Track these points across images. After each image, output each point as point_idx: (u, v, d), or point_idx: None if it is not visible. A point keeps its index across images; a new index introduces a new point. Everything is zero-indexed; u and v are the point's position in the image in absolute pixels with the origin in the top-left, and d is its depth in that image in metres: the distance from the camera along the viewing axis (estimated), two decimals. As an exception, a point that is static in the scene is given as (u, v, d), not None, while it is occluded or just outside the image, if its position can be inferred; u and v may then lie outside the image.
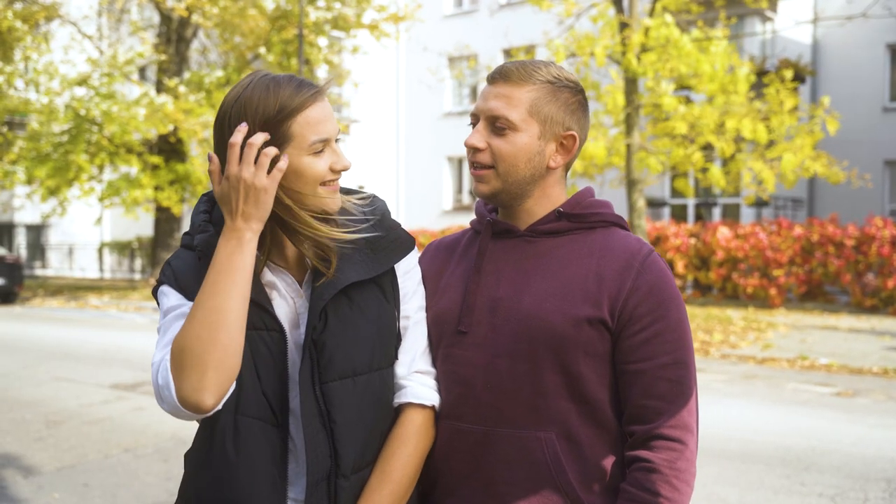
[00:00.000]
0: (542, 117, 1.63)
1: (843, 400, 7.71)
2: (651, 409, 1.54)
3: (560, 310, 1.58)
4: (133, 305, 18.35)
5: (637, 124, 14.28)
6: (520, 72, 1.63)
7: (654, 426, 1.53)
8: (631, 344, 1.56)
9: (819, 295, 16.20)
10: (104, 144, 19.67)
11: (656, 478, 1.50)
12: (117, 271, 29.93)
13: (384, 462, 1.58)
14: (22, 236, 32.27)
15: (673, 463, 1.51)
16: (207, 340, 1.40)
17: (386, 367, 1.62)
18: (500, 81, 1.64)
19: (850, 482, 5.10)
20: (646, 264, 1.61)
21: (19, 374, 9.14)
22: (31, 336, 12.85)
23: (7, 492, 5.02)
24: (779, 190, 19.52)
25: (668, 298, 1.59)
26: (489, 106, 1.64)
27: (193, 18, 19.41)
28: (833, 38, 20.52)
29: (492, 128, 1.64)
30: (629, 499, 1.52)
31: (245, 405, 1.52)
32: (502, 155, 1.63)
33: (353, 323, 1.57)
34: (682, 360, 1.57)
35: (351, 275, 1.56)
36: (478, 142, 1.64)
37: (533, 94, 1.62)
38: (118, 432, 6.47)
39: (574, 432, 1.57)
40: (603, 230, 1.68)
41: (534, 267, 1.65)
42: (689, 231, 17.29)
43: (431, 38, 24.65)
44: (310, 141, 1.50)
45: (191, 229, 1.62)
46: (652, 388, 1.55)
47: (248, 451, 1.51)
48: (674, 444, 1.52)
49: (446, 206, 26.65)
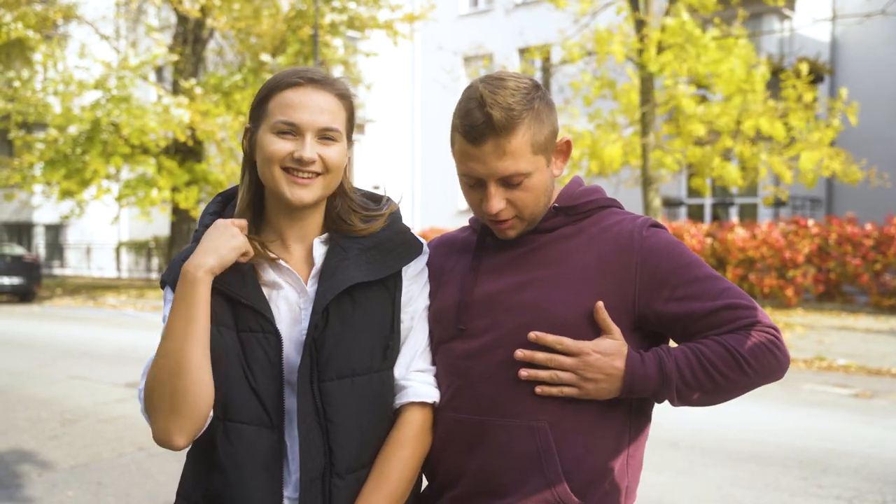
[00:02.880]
0: (541, 147, 1.58)
1: (861, 401, 7.63)
2: (736, 324, 1.55)
3: (565, 300, 1.58)
4: (150, 305, 18.44)
5: (653, 123, 14.21)
6: (502, 119, 1.51)
7: (746, 322, 1.55)
8: (674, 306, 1.56)
9: (837, 295, 16.06)
10: (120, 146, 19.78)
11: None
12: (134, 271, 30.13)
13: (382, 464, 1.58)
14: (40, 236, 32.56)
15: (765, 341, 1.54)
16: (169, 387, 1.44)
17: (386, 369, 1.62)
18: (490, 137, 1.53)
19: (868, 484, 5.03)
20: (644, 232, 1.61)
21: (35, 373, 9.20)
22: (49, 335, 12.94)
23: (22, 489, 5.05)
24: (796, 190, 19.38)
25: (678, 250, 1.61)
26: (495, 169, 1.55)
27: (208, 22, 19.49)
28: (851, 36, 20.33)
29: (506, 185, 1.57)
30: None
31: (234, 411, 1.52)
32: (526, 204, 1.60)
33: (354, 323, 1.56)
34: (727, 286, 1.58)
35: (356, 275, 1.56)
36: (500, 206, 1.58)
37: (526, 134, 1.54)
38: (132, 431, 6.49)
39: (568, 423, 1.57)
40: (597, 214, 1.68)
41: (534, 262, 1.64)
42: (705, 231, 17.19)
43: (447, 37, 24.65)
44: (275, 118, 1.53)
45: (199, 228, 1.63)
46: (722, 317, 1.55)
47: (239, 458, 1.51)
48: (771, 333, 1.55)
49: (461, 206, 26.62)
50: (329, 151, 1.55)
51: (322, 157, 1.54)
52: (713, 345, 1.53)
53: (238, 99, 19.35)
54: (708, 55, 13.22)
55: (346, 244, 1.61)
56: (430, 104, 27.48)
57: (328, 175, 1.56)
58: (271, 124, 1.54)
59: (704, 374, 1.52)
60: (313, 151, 1.52)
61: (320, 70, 1.60)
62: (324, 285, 1.55)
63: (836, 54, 20.83)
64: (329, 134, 1.55)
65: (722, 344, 1.52)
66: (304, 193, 1.54)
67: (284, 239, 1.62)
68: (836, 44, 20.85)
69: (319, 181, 1.55)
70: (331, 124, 1.55)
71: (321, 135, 1.54)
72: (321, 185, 1.56)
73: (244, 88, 19.86)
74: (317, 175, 1.54)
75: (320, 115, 1.54)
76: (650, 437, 1.76)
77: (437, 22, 22.73)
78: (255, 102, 1.58)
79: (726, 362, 1.51)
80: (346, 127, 1.60)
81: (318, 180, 1.55)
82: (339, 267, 1.57)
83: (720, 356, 1.52)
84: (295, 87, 1.54)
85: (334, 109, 1.56)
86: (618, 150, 14.04)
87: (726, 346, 1.52)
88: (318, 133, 1.54)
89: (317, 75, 1.57)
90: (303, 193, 1.54)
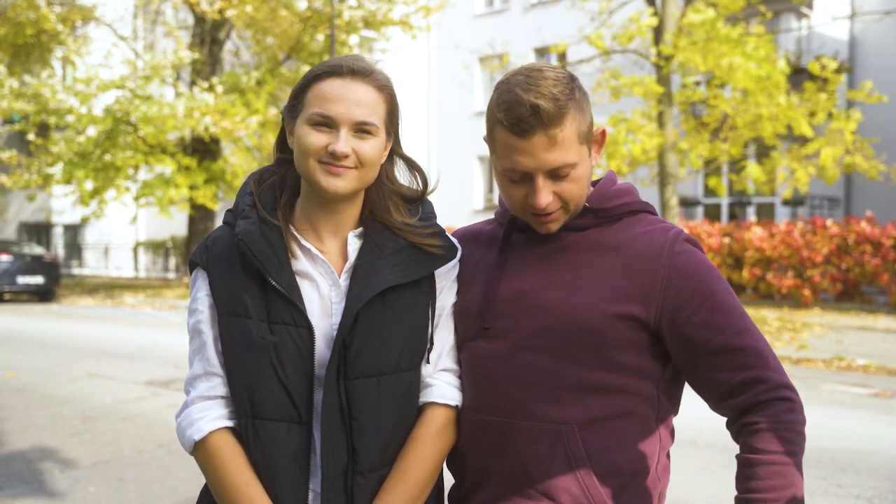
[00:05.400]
0: (585, 136, 1.56)
1: (880, 401, 7.58)
2: (742, 381, 1.49)
3: (588, 304, 1.55)
4: (167, 304, 18.55)
5: (671, 120, 14.17)
6: (550, 109, 1.47)
7: (755, 394, 1.48)
8: (691, 329, 1.52)
9: (856, 295, 15.95)
10: (139, 145, 19.91)
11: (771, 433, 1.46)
12: (152, 270, 30.32)
13: (401, 461, 1.57)
14: (59, 236, 32.83)
15: (782, 415, 1.47)
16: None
17: (413, 369, 1.61)
18: (540, 129, 1.48)
19: (889, 484, 5.00)
20: (675, 248, 1.57)
21: (56, 371, 9.28)
22: (68, 334, 13.05)
23: (44, 485, 5.10)
24: (814, 188, 19.25)
25: (708, 274, 1.56)
26: (544, 161, 1.50)
27: (228, 15, 19.56)
28: (870, 33, 20.18)
29: (553, 177, 1.54)
30: (744, 464, 1.47)
31: (262, 408, 1.52)
32: (572, 195, 1.56)
33: (383, 324, 1.55)
34: (747, 326, 1.53)
35: (390, 277, 1.55)
36: (548, 200, 1.54)
37: (573, 124, 1.51)
38: (152, 428, 6.54)
39: (598, 425, 1.55)
40: (628, 219, 1.65)
41: (560, 261, 1.61)
42: (722, 230, 17.11)
43: (462, 36, 24.66)
44: (311, 110, 1.53)
45: (235, 209, 1.63)
46: (733, 362, 1.50)
47: (269, 454, 1.51)
48: (783, 403, 1.48)
49: (477, 206, 26.63)
50: (364, 146, 1.53)
51: (356, 152, 1.52)
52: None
53: (252, 98, 19.44)
54: (729, 49, 13.13)
55: (381, 241, 1.59)
56: (445, 103, 27.49)
57: (363, 169, 1.54)
58: (308, 116, 1.53)
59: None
60: (347, 146, 1.51)
61: (362, 59, 1.57)
62: (358, 284, 1.54)
63: (855, 52, 20.68)
64: (365, 128, 1.53)
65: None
66: (339, 183, 1.52)
67: (318, 230, 1.61)
68: (855, 42, 20.70)
69: (355, 173, 1.54)
70: (367, 118, 1.53)
71: (357, 128, 1.52)
72: (356, 177, 1.54)
73: (261, 87, 19.95)
74: (351, 168, 1.53)
75: (356, 109, 1.52)
76: (670, 434, 1.75)
77: (452, 18, 22.72)
78: (295, 91, 1.58)
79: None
80: (386, 120, 1.58)
81: (353, 172, 1.53)
82: (374, 267, 1.55)
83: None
84: (333, 77, 1.53)
85: (372, 102, 1.54)
86: (637, 147, 13.99)
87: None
88: (354, 127, 1.52)
89: (357, 65, 1.55)
90: (338, 183, 1.52)
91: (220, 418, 1.55)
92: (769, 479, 1.43)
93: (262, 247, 1.53)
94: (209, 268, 1.58)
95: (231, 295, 1.55)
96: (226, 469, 1.51)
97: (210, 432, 1.53)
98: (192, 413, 1.56)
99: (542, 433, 1.55)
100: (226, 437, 1.54)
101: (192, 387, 1.59)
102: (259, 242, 1.53)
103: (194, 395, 1.58)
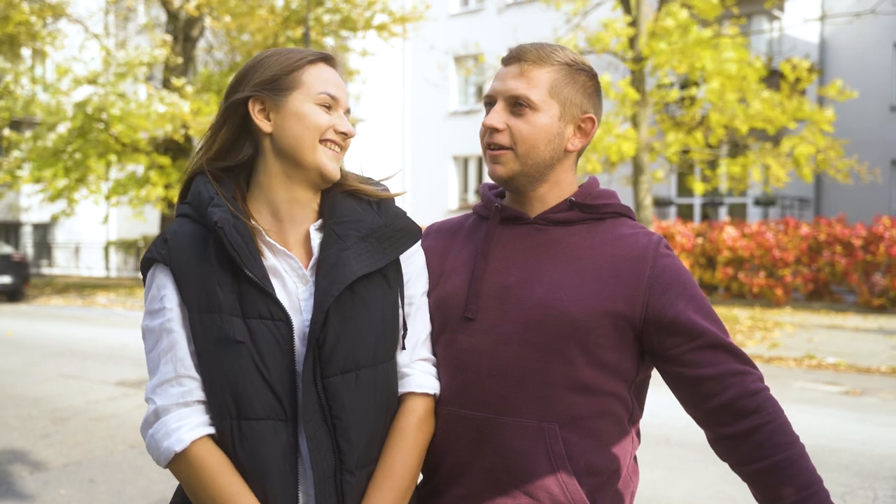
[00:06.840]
0: (562, 99, 1.60)
1: (851, 398, 7.67)
2: (724, 374, 1.55)
3: (575, 300, 1.55)
4: (139, 304, 18.36)
5: (646, 119, 14.26)
6: (538, 52, 1.61)
7: (744, 384, 1.56)
8: (671, 311, 1.55)
9: (826, 294, 16.16)
10: (111, 143, 19.67)
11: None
12: (123, 270, 29.98)
13: (386, 455, 1.55)
14: (28, 235, 32.37)
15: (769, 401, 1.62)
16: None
17: (390, 359, 1.59)
18: (518, 62, 1.61)
19: (860, 480, 5.07)
20: (659, 251, 1.60)
21: (26, 372, 9.15)
22: (38, 334, 12.87)
23: (14, 487, 5.02)
24: (786, 189, 19.46)
25: (688, 279, 1.61)
26: (508, 86, 1.60)
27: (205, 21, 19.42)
28: (841, 37, 20.43)
29: (511, 109, 1.60)
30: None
31: (247, 407, 1.46)
32: (523, 136, 1.59)
33: (355, 316, 1.52)
34: (723, 328, 1.60)
35: (358, 268, 1.51)
36: (497, 122, 1.60)
37: (552, 74, 1.60)
38: (124, 429, 6.47)
39: (578, 424, 1.55)
40: (612, 220, 1.67)
41: (545, 255, 1.61)
42: (695, 230, 17.25)
43: (438, 37, 24.64)
44: (317, 90, 1.53)
45: (192, 200, 1.56)
46: (716, 357, 1.56)
47: (258, 455, 1.46)
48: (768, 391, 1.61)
49: (452, 206, 26.63)
50: (354, 129, 1.60)
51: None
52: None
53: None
54: (702, 51, 13.27)
55: (342, 231, 1.55)
56: (420, 104, 27.46)
57: (344, 151, 1.59)
58: (313, 95, 1.53)
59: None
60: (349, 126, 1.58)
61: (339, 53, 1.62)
62: (325, 279, 1.50)
63: (825, 55, 20.93)
64: (351, 116, 1.59)
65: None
66: (336, 167, 1.56)
67: (281, 220, 1.57)
68: (826, 45, 20.95)
69: (341, 156, 1.58)
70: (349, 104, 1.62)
71: (347, 113, 1.59)
72: (341, 160, 1.60)
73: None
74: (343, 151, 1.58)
75: (346, 95, 1.58)
76: (643, 433, 1.78)
77: (434, 21, 22.70)
78: (277, 73, 1.53)
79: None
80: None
81: (341, 155, 1.58)
82: (340, 259, 1.51)
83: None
84: (325, 63, 1.57)
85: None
86: (612, 145, 14.05)
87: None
88: (346, 111, 1.59)
89: (336, 56, 1.59)
90: (336, 167, 1.56)
91: (201, 426, 1.47)
92: (774, 435, 1.66)
93: (236, 238, 1.48)
94: (172, 263, 1.50)
95: (204, 290, 1.47)
96: (213, 480, 1.43)
97: (192, 441, 1.45)
98: (167, 423, 1.46)
99: (525, 430, 1.55)
100: (209, 446, 1.46)
101: (159, 394, 1.48)
102: (233, 233, 1.48)
103: (166, 402, 1.48)
